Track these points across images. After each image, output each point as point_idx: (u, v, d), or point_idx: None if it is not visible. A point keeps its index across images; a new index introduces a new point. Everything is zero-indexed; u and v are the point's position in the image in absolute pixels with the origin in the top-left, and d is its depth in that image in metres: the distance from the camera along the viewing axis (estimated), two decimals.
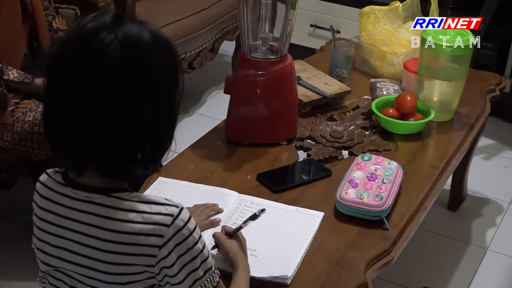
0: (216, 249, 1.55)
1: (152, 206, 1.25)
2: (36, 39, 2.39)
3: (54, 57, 1.23)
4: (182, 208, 1.26)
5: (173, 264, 1.25)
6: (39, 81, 2.25)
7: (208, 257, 1.31)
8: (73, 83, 1.19)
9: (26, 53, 2.37)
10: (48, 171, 1.34)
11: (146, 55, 1.21)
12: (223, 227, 1.59)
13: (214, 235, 1.56)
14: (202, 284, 1.29)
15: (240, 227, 1.54)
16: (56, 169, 1.33)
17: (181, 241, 1.25)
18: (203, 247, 1.29)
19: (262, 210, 1.58)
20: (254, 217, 1.56)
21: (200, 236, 1.29)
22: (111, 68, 1.18)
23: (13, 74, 2.24)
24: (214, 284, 1.32)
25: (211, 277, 1.31)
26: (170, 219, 1.24)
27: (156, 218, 1.24)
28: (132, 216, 1.24)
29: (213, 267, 1.32)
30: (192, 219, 1.28)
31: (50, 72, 1.24)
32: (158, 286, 1.30)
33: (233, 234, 1.53)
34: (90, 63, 1.18)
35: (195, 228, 1.28)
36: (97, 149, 1.21)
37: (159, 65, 1.22)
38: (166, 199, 1.28)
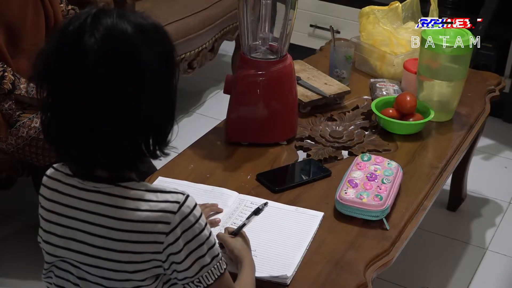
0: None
1: (159, 194, 1.27)
2: None
3: (41, 71, 1.23)
4: (188, 196, 1.28)
5: (180, 251, 1.26)
6: None
7: (215, 244, 1.31)
8: (64, 91, 1.20)
9: None
10: (54, 165, 1.35)
11: (131, 49, 1.20)
12: (226, 228, 1.59)
13: (217, 235, 1.56)
14: (209, 271, 1.30)
15: (244, 224, 1.54)
16: (63, 163, 1.34)
17: (188, 228, 1.26)
18: (210, 234, 1.30)
19: (265, 204, 1.58)
20: (257, 211, 1.56)
21: (206, 224, 1.30)
22: (99, 73, 1.18)
23: (25, 88, 2.23)
24: (222, 271, 1.32)
25: (218, 264, 1.31)
26: (176, 206, 1.26)
27: (163, 205, 1.25)
28: (139, 204, 1.25)
29: (220, 255, 1.33)
30: (198, 207, 1.29)
31: (40, 83, 1.24)
32: (163, 276, 1.31)
33: (237, 232, 1.53)
34: (76, 64, 1.18)
35: (201, 215, 1.29)
36: (100, 148, 1.22)
37: (147, 55, 1.21)
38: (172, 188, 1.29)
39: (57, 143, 1.27)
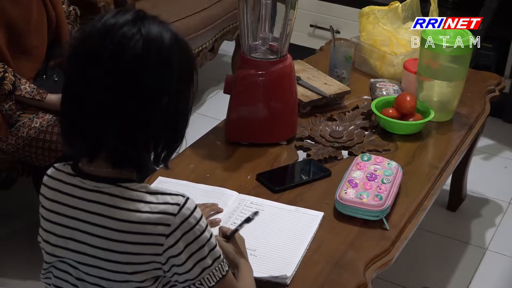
0: None
1: (159, 196, 1.27)
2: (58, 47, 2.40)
3: (76, 46, 1.25)
4: (188, 198, 1.28)
5: (180, 253, 1.26)
6: (50, 98, 2.25)
7: (216, 246, 1.31)
8: (93, 73, 1.21)
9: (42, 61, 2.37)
10: (55, 165, 1.35)
11: (166, 53, 1.24)
12: (220, 228, 1.59)
13: None
14: (211, 273, 1.30)
15: (236, 230, 1.54)
16: (64, 163, 1.34)
17: (188, 230, 1.26)
18: (211, 236, 1.30)
19: (256, 213, 1.58)
20: (248, 220, 1.57)
21: (207, 225, 1.30)
22: (131, 61, 1.20)
23: (25, 89, 2.23)
24: (223, 273, 1.32)
25: (219, 265, 1.31)
26: (176, 208, 1.26)
27: (163, 207, 1.26)
28: (139, 205, 1.26)
29: (222, 256, 1.33)
30: (198, 209, 1.29)
31: (71, 61, 1.26)
32: (163, 278, 1.31)
33: (230, 236, 1.53)
34: (111, 53, 1.20)
35: (201, 217, 1.29)
36: (112, 137, 1.23)
37: (177, 64, 1.25)
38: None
39: (71, 120, 1.27)
